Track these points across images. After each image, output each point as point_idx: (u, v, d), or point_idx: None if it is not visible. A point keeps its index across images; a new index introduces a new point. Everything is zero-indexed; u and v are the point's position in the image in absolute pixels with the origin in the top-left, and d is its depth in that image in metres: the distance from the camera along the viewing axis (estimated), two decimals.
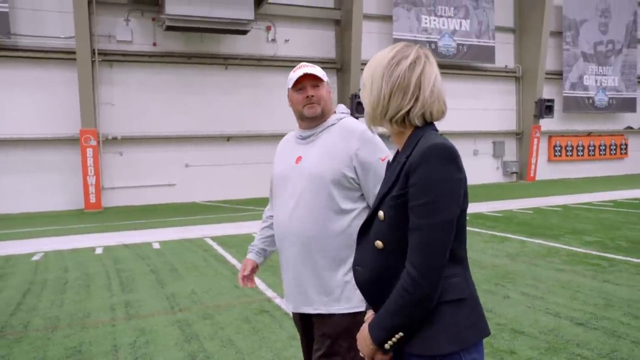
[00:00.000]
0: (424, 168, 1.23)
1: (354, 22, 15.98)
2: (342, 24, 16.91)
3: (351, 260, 1.75)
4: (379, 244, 1.33)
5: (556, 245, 6.81)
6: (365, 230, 1.40)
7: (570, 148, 21.40)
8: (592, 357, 3.14)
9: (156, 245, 7.80)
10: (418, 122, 1.32)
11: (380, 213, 1.33)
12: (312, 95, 1.94)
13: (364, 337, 1.33)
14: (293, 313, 2.02)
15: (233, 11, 13.67)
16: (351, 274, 1.76)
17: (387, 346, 1.27)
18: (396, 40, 17.38)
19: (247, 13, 13.93)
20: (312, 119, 1.96)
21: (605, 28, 21.51)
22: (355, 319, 1.83)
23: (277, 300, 4.59)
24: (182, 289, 5.15)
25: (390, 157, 1.52)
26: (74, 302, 4.76)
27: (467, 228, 1.37)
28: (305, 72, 1.92)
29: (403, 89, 1.30)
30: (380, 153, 1.89)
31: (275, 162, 2.08)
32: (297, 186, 1.90)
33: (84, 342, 3.68)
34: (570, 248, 6.57)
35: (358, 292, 1.79)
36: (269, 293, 4.85)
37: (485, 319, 1.32)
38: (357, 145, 1.86)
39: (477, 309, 1.30)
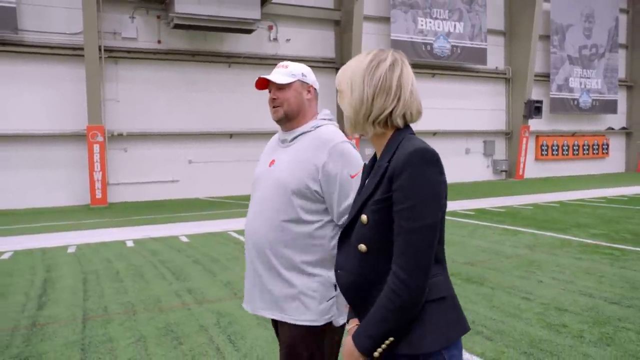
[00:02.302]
0: (409, 172, 1.23)
1: (355, 24, 16.38)
2: (341, 25, 17.29)
3: (309, 271, 1.81)
4: (362, 247, 1.33)
5: (567, 237, 7.34)
6: (346, 235, 1.41)
7: (556, 147, 22.25)
8: (635, 329, 3.61)
9: (184, 239, 8.08)
10: (400, 122, 1.34)
11: (363, 217, 1.33)
12: (275, 98, 1.92)
13: (349, 351, 1.31)
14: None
15: (240, 10, 13.93)
16: (309, 285, 1.81)
17: (376, 354, 1.27)
18: (394, 41, 17.94)
19: (254, 12, 14.20)
20: (279, 122, 1.95)
21: (589, 33, 22.40)
22: (313, 330, 1.83)
23: None
24: (234, 277, 5.47)
25: (366, 161, 1.51)
26: (137, 290, 5.04)
27: (476, 222, 1.64)
28: (263, 76, 1.91)
29: (385, 90, 1.32)
30: (351, 169, 1.81)
31: (259, 161, 2.07)
32: (264, 190, 1.91)
33: (170, 323, 3.99)
34: (581, 240, 7.11)
35: (321, 306, 1.82)
36: None
37: (464, 316, 1.34)
38: (325, 158, 1.81)
39: (457, 307, 1.32)
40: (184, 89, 15.48)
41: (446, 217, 1.37)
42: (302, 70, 1.95)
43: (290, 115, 1.92)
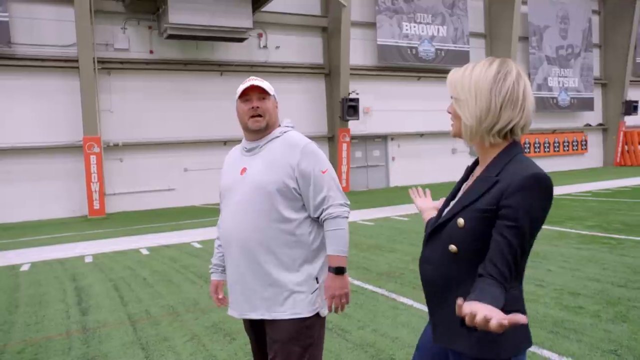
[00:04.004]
0: (525, 196, 1.28)
1: (343, 30, 16.75)
2: (329, 31, 17.66)
3: (296, 267, 1.93)
4: (453, 248, 1.39)
5: (564, 229, 7.79)
6: (436, 232, 1.47)
7: (538, 145, 23.00)
8: None
9: (196, 245, 8.29)
10: (519, 133, 1.40)
11: (460, 220, 1.38)
12: (257, 107, 2.00)
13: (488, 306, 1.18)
14: (243, 320, 2.10)
15: (233, 19, 14.17)
16: (297, 281, 1.94)
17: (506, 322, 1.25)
18: (380, 46, 18.37)
19: (246, 21, 14.46)
20: (256, 132, 2.02)
21: (565, 34, 23.24)
22: (304, 324, 1.94)
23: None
24: None
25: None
26: (172, 294, 5.27)
27: None
28: (252, 83, 1.99)
29: (513, 101, 1.36)
30: (321, 166, 1.98)
31: (222, 174, 2.14)
32: (242, 196, 1.97)
33: (217, 322, 4.24)
34: (578, 231, 7.56)
35: (307, 299, 1.95)
36: None
37: (529, 331, 1.41)
38: (298, 157, 1.95)
39: (527, 322, 1.34)
40: (177, 97, 15.63)
41: None
42: (271, 86, 2.10)
43: (269, 126, 2.03)
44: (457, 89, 1.44)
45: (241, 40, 15.31)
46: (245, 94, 2.02)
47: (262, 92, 2.01)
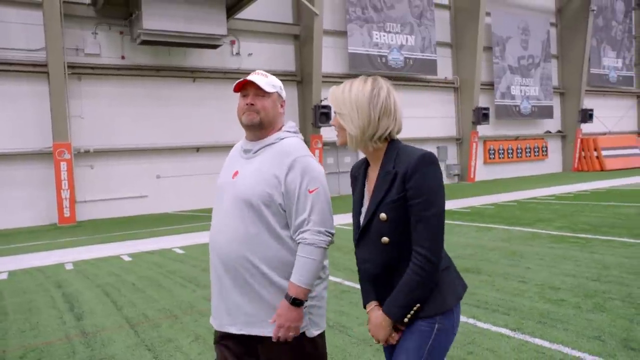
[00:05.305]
0: (420, 173, 1.54)
1: (315, 38, 17.00)
2: (301, 39, 17.88)
3: (281, 283, 1.84)
4: (385, 240, 1.60)
5: (535, 230, 8.21)
6: (364, 233, 1.66)
7: (502, 151, 23.86)
8: (618, 298, 4.34)
9: (178, 250, 8.27)
10: (395, 136, 1.67)
11: (382, 215, 1.59)
12: (252, 104, 1.91)
13: (379, 322, 1.61)
14: (218, 333, 1.99)
15: (207, 26, 14.19)
16: (279, 298, 1.83)
17: (406, 319, 1.58)
18: (352, 54, 18.73)
19: (221, 28, 14.50)
20: (250, 127, 1.92)
21: (526, 44, 24.27)
22: (292, 342, 1.83)
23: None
24: None
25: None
26: (166, 298, 5.29)
27: (450, 221, 2.07)
28: (249, 78, 1.91)
29: (388, 112, 1.62)
30: (310, 184, 1.82)
31: (222, 170, 2.05)
32: (228, 203, 1.89)
33: None
34: (548, 232, 7.98)
35: None
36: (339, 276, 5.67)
37: (462, 278, 1.72)
38: (286, 171, 1.82)
39: (457, 272, 1.70)
40: (149, 104, 15.48)
41: None
42: (280, 84, 2.00)
43: (264, 124, 1.91)
44: (339, 105, 1.66)
45: (215, 47, 15.34)
46: (244, 89, 1.95)
47: (259, 89, 1.91)
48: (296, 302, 1.79)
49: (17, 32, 13.59)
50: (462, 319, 4.03)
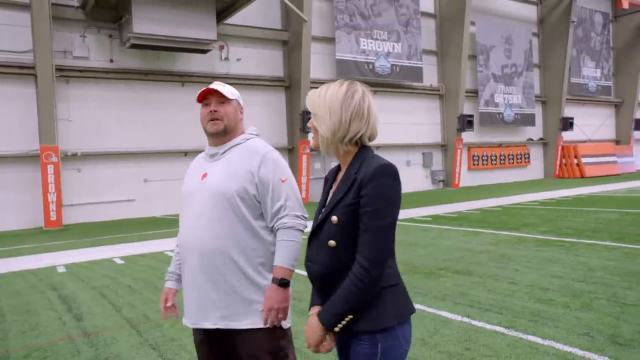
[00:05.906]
0: (376, 182, 1.51)
1: (304, 44, 17.17)
2: (289, 45, 18.04)
3: (258, 276, 1.94)
4: (332, 243, 1.57)
5: (521, 234, 8.44)
6: (316, 233, 1.64)
7: (486, 158, 24.29)
8: (604, 298, 4.55)
9: (170, 254, 8.30)
10: (366, 141, 1.63)
11: (334, 217, 1.57)
12: (215, 110, 2.00)
13: (312, 327, 1.56)
14: (195, 331, 2.07)
15: (197, 31, 14.25)
16: (258, 289, 1.93)
17: (337, 329, 1.53)
18: (339, 61, 18.95)
19: (210, 33, 14.57)
20: (215, 135, 2.02)
21: (509, 53, 24.81)
22: (270, 335, 1.92)
23: None
24: None
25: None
26: None
27: (437, 226, 2.09)
28: (209, 87, 2.01)
29: (360, 115, 1.60)
30: (281, 174, 1.97)
31: (185, 180, 2.12)
32: (201, 202, 1.95)
33: None
34: (534, 236, 8.22)
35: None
36: None
37: (411, 300, 1.63)
38: (258, 164, 1.95)
39: (406, 292, 1.62)
40: (138, 108, 15.45)
41: (407, 223, 1.91)
42: (237, 93, 2.12)
43: (228, 129, 2.02)
44: (314, 107, 1.65)
45: (204, 51, 15.40)
46: (206, 99, 2.04)
47: (221, 96, 2.02)
48: (283, 283, 1.91)
49: (2, 33, 13.47)
50: (457, 317, 4.19)
